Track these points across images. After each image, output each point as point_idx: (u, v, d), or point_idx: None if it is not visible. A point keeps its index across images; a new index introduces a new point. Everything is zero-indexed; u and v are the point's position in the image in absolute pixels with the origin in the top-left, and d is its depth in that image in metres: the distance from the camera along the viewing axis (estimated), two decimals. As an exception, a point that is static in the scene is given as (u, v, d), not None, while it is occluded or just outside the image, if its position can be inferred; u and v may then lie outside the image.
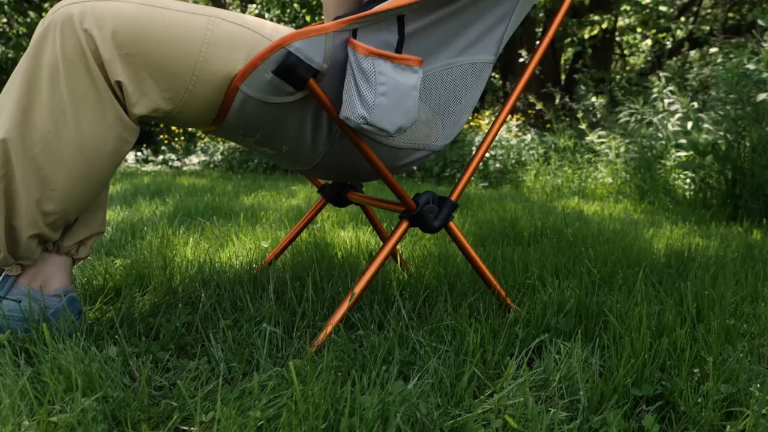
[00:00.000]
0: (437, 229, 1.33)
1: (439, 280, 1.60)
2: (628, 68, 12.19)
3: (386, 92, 1.13)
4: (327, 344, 1.13)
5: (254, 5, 11.22)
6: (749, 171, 3.14)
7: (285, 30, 1.20)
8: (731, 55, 3.43)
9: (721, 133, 3.38)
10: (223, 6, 11.07)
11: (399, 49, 1.22)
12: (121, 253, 1.95)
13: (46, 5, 9.90)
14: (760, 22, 3.07)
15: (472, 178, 5.48)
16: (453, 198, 1.35)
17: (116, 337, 1.19)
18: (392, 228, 2.38)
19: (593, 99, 7.02)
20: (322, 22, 1.24)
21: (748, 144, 3.22)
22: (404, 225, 1.32)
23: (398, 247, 2.12)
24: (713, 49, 4.34)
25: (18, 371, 1.00)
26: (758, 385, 1.03)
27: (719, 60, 4.50)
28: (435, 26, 1.27)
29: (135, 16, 1.06)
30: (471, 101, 1.40)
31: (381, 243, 2.13)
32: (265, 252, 2.00)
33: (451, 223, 1.36)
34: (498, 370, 1.09)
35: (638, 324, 1.19)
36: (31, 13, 10.24)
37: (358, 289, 1.20)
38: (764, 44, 3.27)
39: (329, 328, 1.14)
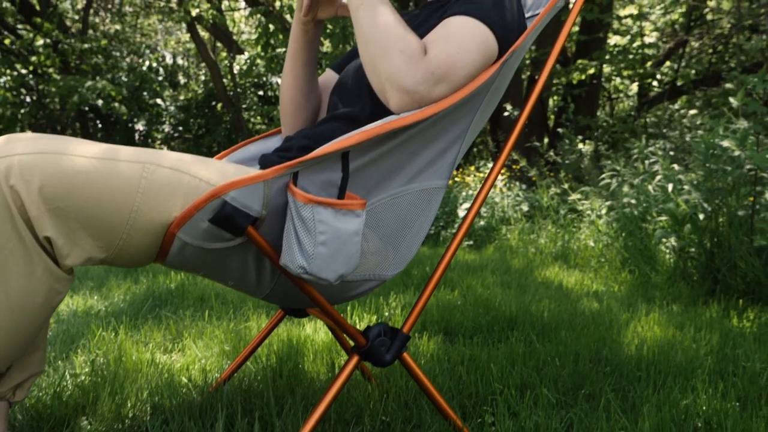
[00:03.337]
0: (389, 363, 1.29)
1: (399, 402, 1.55)
2: (616, 111, 12.28)
3: (326, 241, 1.10)
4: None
5: (243, 55, 11.33)
6: (727, 244, 3.12)
7: (227, 171, 1.16)
8: (709, 118, 3.43)
9: (700, 200, 3.37)
10: (213, 58, 11.14)
11: (343, 187, 1.19)
12: (77, 359, 1.90)
13: (33, 59, 9.94)
14: (732, 101, 3.07)
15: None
16: (405, 330, 1.31)
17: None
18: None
19: (580, 146, 7.03)
20: None
21: (726, 213, 3.20)
22: (354, 360, 1.28)
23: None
24: (692, 111, 4.35)
25: None
26: None
27: (699, 122, 4.52)
28: (382, 159, 1.24)
29: (64, 169, 1.03)
30: (423, 227, 1.37)
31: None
32: (226, 355, 1.95)
33: (405, 354, 1.32)
34: None
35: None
36: (19, 66, 10.29)
37: (301, 439, 1.16)
38: (738, 122, 3.27)
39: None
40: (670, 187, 3.84)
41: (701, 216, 3.32)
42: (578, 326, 2.37)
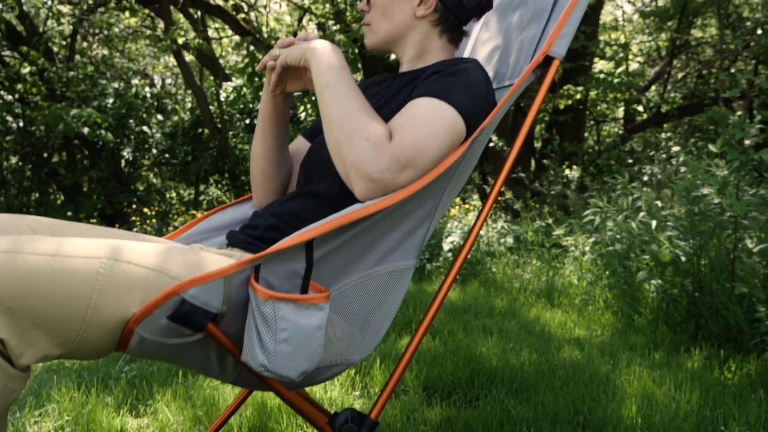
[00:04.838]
0: (356, 451, 1.26)
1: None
2: (603, 134, 12.33)
3: (288, 338, 1.07)
4: None
5: (230, 83, 11.32)
6: (709, 289, 3.11)
7: (189, 263, 1.14)
8: (691, 154, 3.42)
9: (682, 243, 3.36)
10: (200, 84, 11.12)
11: (307, 278, 1.17)
12: (46, 425, 1.86)
13: (18, 86, 9.90)
14: (711, 147, 3.09)
15: (442, 268, 5.44)
16: (373, 416, 1.28)
17: None
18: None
19: (567, 171, 7.05)
20: None
21: (707, 257, 3.19)
22: (321, 448, 1.25)
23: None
24: (675, 148, 4.36)
25: None
26: None
27: (682, 158, 4.52)
28: (347, 245, 1.22)
29: (17, 269, 1.00)
30: (392, 308, 1.35)
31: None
32: (199, 420, 1.91)
33: (373, 440, 1.29)
34: None
35: None
36: (3, 92, 10.24)
37: None
38: (717, 168, 3.28)
39: None
40: (653, 224, 3.82)
41: (683, 258, 3.31)
42: (558, 381, 2.34)
